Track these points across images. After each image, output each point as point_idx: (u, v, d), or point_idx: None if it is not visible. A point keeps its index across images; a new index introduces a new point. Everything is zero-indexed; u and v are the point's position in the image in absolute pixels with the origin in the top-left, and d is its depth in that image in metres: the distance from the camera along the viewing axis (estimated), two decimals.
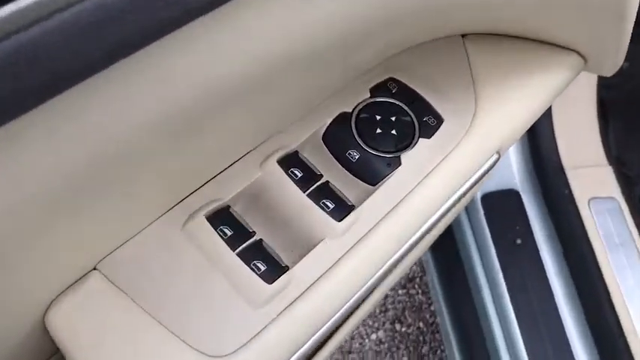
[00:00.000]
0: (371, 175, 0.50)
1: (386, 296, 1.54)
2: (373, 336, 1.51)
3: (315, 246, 0.46)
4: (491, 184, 1.15)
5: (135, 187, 0.40)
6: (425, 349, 1.50)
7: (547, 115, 1.15)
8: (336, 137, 0.51)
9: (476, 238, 1.14)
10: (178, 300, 0.43)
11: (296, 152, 0.49)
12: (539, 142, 1.14)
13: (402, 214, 0.48)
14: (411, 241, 0.49)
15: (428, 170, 0.50)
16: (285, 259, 0.46)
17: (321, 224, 0.47)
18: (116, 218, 0.42)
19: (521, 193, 1.14)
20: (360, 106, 0.52)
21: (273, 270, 0.44)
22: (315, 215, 0.47)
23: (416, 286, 1.57)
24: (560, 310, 1.04)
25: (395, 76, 0.54)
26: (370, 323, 1.52)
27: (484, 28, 0.58)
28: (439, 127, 0.52)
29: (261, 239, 0.46)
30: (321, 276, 0.45)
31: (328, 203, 0.47)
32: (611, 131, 1.23)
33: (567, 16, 0.52)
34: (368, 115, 0.52)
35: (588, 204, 1.09)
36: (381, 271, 0.47)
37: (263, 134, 0.49)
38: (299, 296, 0.44)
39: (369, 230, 0.47)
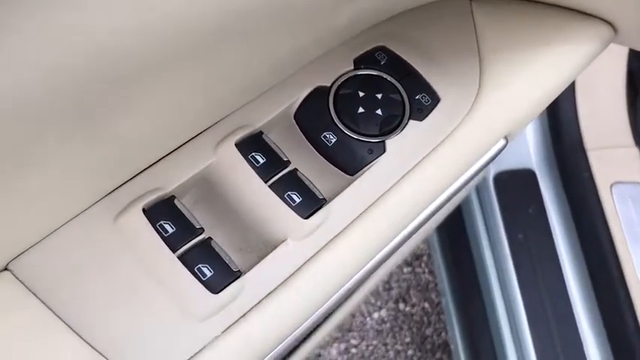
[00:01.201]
0: (349, 163, 0.42)
1: (390, 274, 1.47)
2: (375, 315, 1.45)
3: (274, 248, 0.39)
4: (505, 163, 1.06)
5: (51, 170, 0.33)
6: (429, 331, 1.44)
7: (569, 89, 1.05)
8: (310, 116, 0.43)
9: (485, 220, 1.06)
10: (103, 309, 0.36)
11: (260, 133, 0.41)
12: (559, 118, 1.05)
13: (382, 211, 0.41)
14: (391, 245, 0.41)
15: (417, 159, 0.42)
16: (238, 262, 0.38)
17: (283, 221, 0.39)
18: (31, 209, 0.34)
19: (537, 173, 1.06)
20: (341, 80, 0.44)
21: (222, 276, 0.37)
22: (277, 210, 0.39)
23: (422, 264, 1.50)
24: (572, 303, 0.96)
25: (386, 45, 0.46)
26: (373, 301, 1.46)
27: None
28: (434, 107, 0.44)
29: (209, 238, 0.38)
30: (278, 285, 0.38)
31: (294, 196, 0.40)
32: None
33: None
34: (350, 90, 0.44)
35: (610, 189, 1.00)
36: (352, 281, 0.40)
37: (220, 110, 0.41)
38: (250, 309, 0.37)
39: (341, 230, 0.40)
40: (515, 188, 1.05)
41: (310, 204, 0.40)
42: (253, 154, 0.40)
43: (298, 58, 0.42)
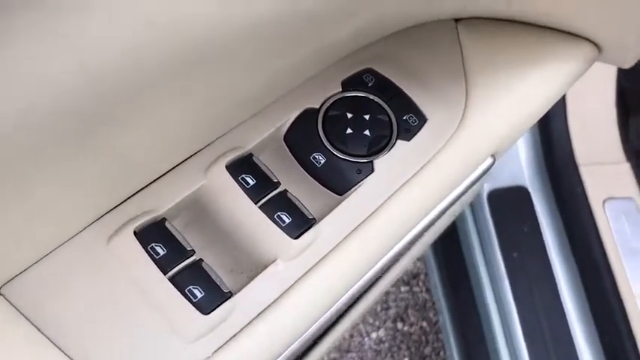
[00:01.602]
0: (338, 184, 0.43)
1: (387, 293, 1.47)
2: (373, 335, 1.45)
3: (265, 268, 0.39)
4: (499, 181, 1.07)
5: (44, 193, 0.33)
6: (427, 350, 1.43)
7: (560, 106, 1.07)
8: (300, 137, 0.44)
9: (480, 238, 1.06)
10: (96, 331, 0.36)
11: (250, 155, 0.42)
12: (550, 135, 1.06)
13: (371, 230, 0.41)
14: (381, 264, 0.41)
15: (405, 178, 0.43)
16: (229, 283, 0.39)
17: (273, 242, 0.40)
18: (23, 234, 0.35)
19: (530, 190, 1.07)
20: (330, 102, 0.45)
21: (213, 297, 0.37)
22: (267, 231, 0.40)
23: (420, 283, 1.50)
24: (568, 320, 0.96)
25: (373, 67, 0.47)
26: (371, 321, 1.45)
27: (482, 10, 0.49)
28: (421, 127, 0.45)
29: (200, 259, 0.39)
30: (269, 305, 0.38)
31: (284, 217, 0.40)
32: (631, 124, 1.14)
33: None
34: (338, 112, 0.45)
35: (603, 204, 1.00)
36: (342, 300, 0.40)
37: (210, 132, 0.42)
38: (241, 330, 0.37)
39: (331, 250, 0.40)
40: (509, 205, 1.05)
41: (300, 224, 0.40)
42: (243, 175, 0.41)
43: (288, 80, 0.43)
